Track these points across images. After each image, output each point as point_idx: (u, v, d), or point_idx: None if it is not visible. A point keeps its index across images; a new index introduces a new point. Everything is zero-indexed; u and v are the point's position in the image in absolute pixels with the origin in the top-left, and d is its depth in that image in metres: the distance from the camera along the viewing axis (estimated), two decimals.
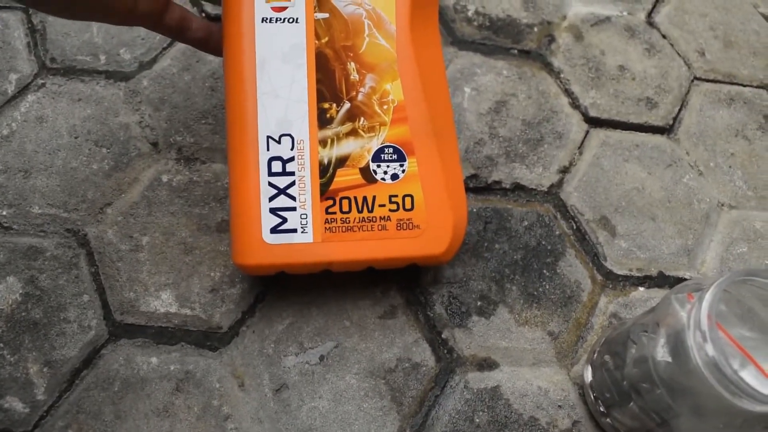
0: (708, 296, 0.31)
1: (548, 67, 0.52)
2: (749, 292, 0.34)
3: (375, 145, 0.35)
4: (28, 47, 0.49)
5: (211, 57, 0.49)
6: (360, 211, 0.35)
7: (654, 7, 0.58)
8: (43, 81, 0.47)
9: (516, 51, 0.53)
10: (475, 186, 0.46)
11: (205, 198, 0.44)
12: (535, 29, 0.54)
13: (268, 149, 0.34)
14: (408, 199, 0.36)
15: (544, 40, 0.54)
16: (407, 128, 0.35)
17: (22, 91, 0.47)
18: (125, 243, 0.42)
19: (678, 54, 0.55)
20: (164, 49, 0.49)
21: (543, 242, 0.44)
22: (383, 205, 0.35)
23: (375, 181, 0.35)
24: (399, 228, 0.35)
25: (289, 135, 0.34)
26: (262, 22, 0.34)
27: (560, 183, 0.47)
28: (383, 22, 0.35)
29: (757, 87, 0.55)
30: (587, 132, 0.49)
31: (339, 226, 0.35)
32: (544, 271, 0.43)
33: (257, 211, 0.34)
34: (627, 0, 0.57)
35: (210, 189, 0.44)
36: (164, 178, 0.44)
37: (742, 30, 0.58)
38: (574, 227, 0.45)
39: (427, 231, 0.36)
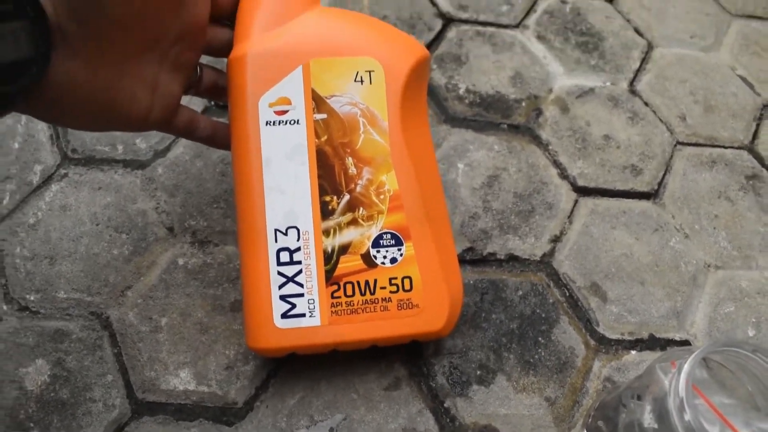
0: (686, 366, 0.33)
1: (537, 140, 0.55)
2: (729, 360, 0.37)
3: (374, 232, 0.38)
4: (51, 139, 0.53)
5: None
6: (363, 294, 0.38)
7: (635, 76, 0.61)
8: (65, 171, 0.51)
9: (506, 126, 0.56)
10: (472, 258, 0.49)
11: (218, 279, 0.46)
12: (523, 104, 0.58)
13: (276, 241, 0.37)
14: (407, 281, 0.38)
15: (532, 113, 0.57)
16: (403, 215, 0.39)
17: (47, 181, 0.50)
18: (145, 324, 0.45)
19: (660, 120, 0.58)
20: (177, 138, 0.53)
21: (537, 310, 0.47)
22: (384, 288, 0.38)
23: (375, 265, 0.38)
24: (400, 308, 0.38)
25: (295, 227, 0.37)
26: (266, 125, 0.38)
27: (552, 252, 0.50)
28: (376, 119, 0.39)
29: (738, 148, 0.58)
30: (576, 201, 0.52)
31: (344, 309, 0.38)
32: (540, 338, 0.46)
33: (268, 298, 0.37)
34: (609, 71, 0.61)
35: (223, 270, 0.47)
36: (180, 261, 0.47)
37: (721, 93, 0.61)
38: (567, 294, 0.48)
39: (425, 309, 0.39)
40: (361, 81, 0.39)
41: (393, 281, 0.38)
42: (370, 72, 0.39)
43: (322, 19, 0.40)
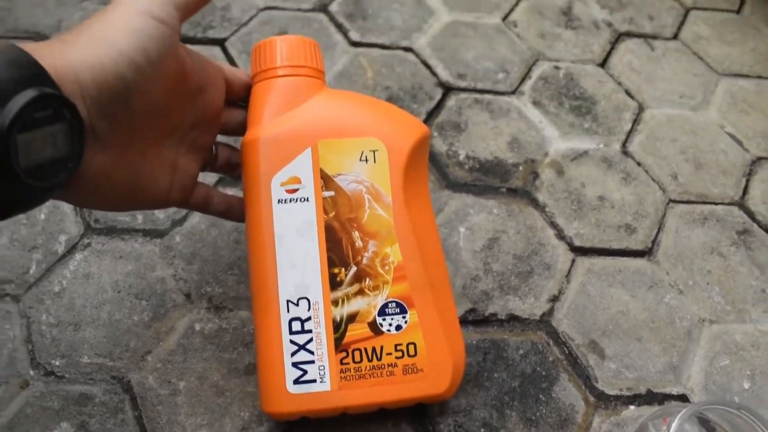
0: (674, 424, 0.36)
1: (534, 203, 0.58)
2: (721, 416, 0.39)
3: (380, 301, 0.41)
4: (74, 210, 0.56)
5: None
6: (370, 360, 0.40)
7: (627, 137, 0.64)
8: (88, 240, 0.54)
9: (504, 189, 0.59)
10: (474, 319, 0.51)
11: (233, 343, 0.49)
12: (521, 168, 0.61)
13: (288, 311, 0.40)
14: (411, 347, 0.41)
15: (529, 177, 0.60)
16: (407, 284, 0.41)
17: (71, 250, 0.53)
18: (164, 388, 0.47)
19: (653, 179, 0.61)
20: None
21: (538, 368, 0.49)
22: (390, 354, 0.41)
23: (381, 332, 0.41)
24: (405, 373, 0.41)
25: (306, 298, 0.40)
26: (279, 203, 0.41)
27: (551, 311, 0.52)
28: (381, 195, 0.42)
29: (729, 204, 0.61)
30: (573, 261, 0.55)
31: (353, 375, 0.40)
32: (541, 396, 0.48)
33: (281, 365, 0.40)
34: (602, 133, 0.64)
35: (238, 335, 0.49)
36: (197, 327, 0.50)
37: (710, 151, 0.64)
38: (566, 352, 0.50)
39: (430, 373, 0.41)
40: (366, 160, 0.42)
41: (398, 347, 0.41)
42: (374, 151, 0.42)
43: (328, 103, 0.43)
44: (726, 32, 0.77)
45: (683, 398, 0.49)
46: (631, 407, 0.48)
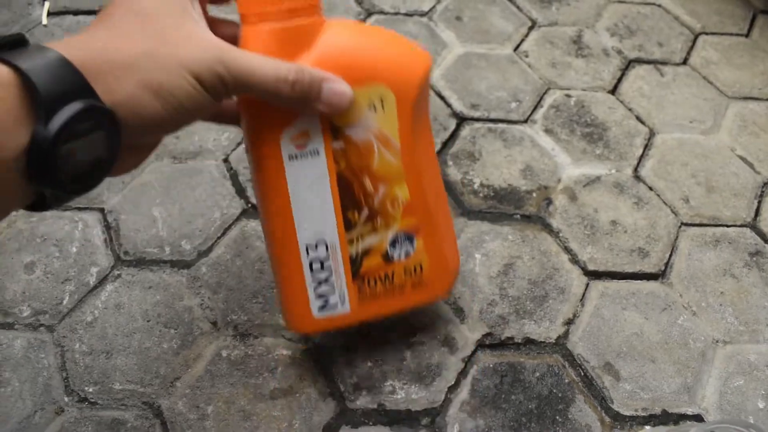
0: None
1: (548, 228, 0.60)
2: None
3: (390, 235, 0.45)
4: (105, 243, 0.58)
5: (258, 243, 0.57)
6: (383, 284, 0.46)
7: (639, 162, 0.66)
8: (119, 272, 0.56)
9: (518, 216, 0.61)
10: (491, 343, 0.53)
11: (259, 369, 0.51)
12: (534, 194, 0.62)
13: (308, 255, 0.43)
14: (418, 267, 0.46)
15: (542, 203, 0.62)
16: (414, 218, 0.45)
17: (102, 281, 0.56)
18: (193, 413, 0.49)
19: (664, 203, 0.62)
20: (218, 238, 0.58)
21: (554, 390, 0.50)
22: (401, 275, 0.46)
23: (393, 261, 0.45)
24: (413, 287, 0.47)
25: (324, 240, 0.43)
26: (290, 159, 0.41)
27: (566, 334, 0.53)
28: (389, 140, 0.42)
29: (741, 226, 0.62)
30: (587, 285, 0.56)
31: (368, 297, 0.46)
32: (557, 417, 0.49)
33: (306, 298, 0.44)
34: (614, 158, 0.66)
35: (263, 361, 0.51)
36: (224, 353, 0.52)
37: (722, 174, 0.66)
38: (582, 374, 0.51)
39: (433, 284, 0.47)
40: (374, 109, 0.41)
41: (407, 270, 0.46)
42: (382, 99, 0.41)
43: (332, 49, 0.40)
44: (735, 56, 0.78)
45: (698, 418, 0.50)
46: (647, 427, 0.49)
